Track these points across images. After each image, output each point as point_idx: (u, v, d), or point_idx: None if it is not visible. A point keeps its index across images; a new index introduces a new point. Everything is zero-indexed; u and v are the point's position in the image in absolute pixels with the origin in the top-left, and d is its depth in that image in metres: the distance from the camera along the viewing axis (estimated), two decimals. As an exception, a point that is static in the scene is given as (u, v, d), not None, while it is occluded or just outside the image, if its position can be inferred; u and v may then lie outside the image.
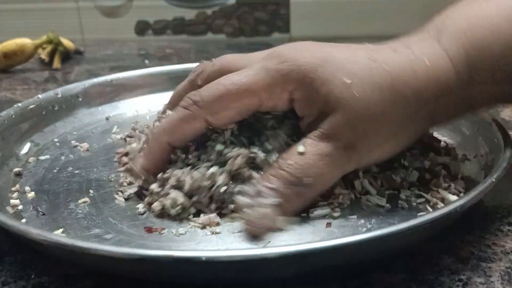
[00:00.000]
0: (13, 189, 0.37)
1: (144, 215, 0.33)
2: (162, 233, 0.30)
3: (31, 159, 0.42)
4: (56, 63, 0.81)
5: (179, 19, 1.09)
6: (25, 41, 0.78)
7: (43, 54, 0.81)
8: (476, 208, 0.33)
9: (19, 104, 0.46)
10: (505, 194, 0.35)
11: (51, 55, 0.82)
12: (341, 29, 1.04)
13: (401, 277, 0.26)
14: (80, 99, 0.51)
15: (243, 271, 0.25)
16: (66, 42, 0.85)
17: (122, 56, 0.92)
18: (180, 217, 0.32)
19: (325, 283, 0.26)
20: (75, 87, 0.52)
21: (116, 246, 0.26)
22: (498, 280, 0.26)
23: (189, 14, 1.09)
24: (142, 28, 1.11)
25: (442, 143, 0.40)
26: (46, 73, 0.78)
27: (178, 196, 0.32)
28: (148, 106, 0.53)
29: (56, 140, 0.46)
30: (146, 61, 0.87)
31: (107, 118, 0.51)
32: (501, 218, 0.32)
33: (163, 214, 0.32)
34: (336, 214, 0.32)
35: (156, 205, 0.32)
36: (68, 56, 0.87)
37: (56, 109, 0.49)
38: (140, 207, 0.33)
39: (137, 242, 0.30)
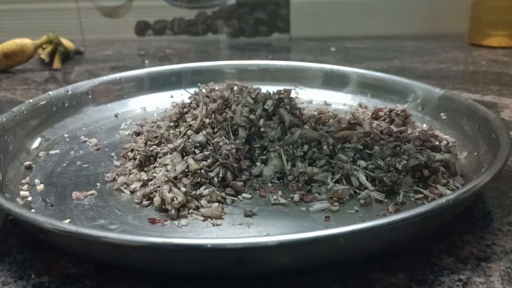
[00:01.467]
0: (23, 181, 0.38)
1: (149, 207, 0.33)
2: (165, 225, 0.31)
3: (41, 154, 0.43)
4: (56, 63, 0.81)
5: (179, 19, 1.10)
6: (25, 41, 0.78)
7: (43, 54, 0.81)
8: (476, 208, 0.33)
9: (30, 100, 0.47)
10: (505, 194, 0.35)
11: (51, 55, 0.82)
12: (341, 29, 1.04)
13: (401, 277, 0.26)
14: (90, 96, 0.53)
15: (243, 261, 0.25)
16: (66, 42, 0.85)
17: (122, 56, 0.92)
18: (180, 213, 0.32)
19: (325, 283, 0.26)
20: (85, 84, 0.53)
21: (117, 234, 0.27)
22: (498, 280, 0.26)
23: (189, 14, 1.09)
24: (142, 28, 1.11)
25: (443, 141, 0.40)
26: (46, 73, 0.78)
27: (177, 193, 0.33)
28: (156, 104, 0.55)
29: (66, 135, 0.47)
30: (146, 61, 0.87)
31: (116, 115, 0.53)
32: (501, 218, 0.32)
33: (163, 208, 0.33)
34: (334, 208, 0.33)
35: (156, 200, 0.33)
36: (68, 56, 0.87)
37: (66, 105, 0.50)
38: (136, 197, 0.34)
39: (140, 232, 0.30)
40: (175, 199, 0.32)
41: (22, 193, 0.36)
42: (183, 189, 0.33)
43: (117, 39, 1.09)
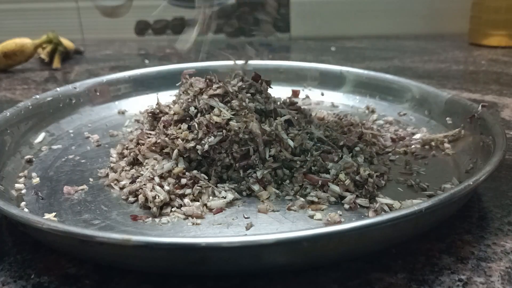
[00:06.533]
0: (20, 174, 0.38)
1: (134, 204, 0.34)
2: (146, 222, 0.31)
3: (43, 148, 0.43)
4: (56, 63, 0.81)
5: (179, 19, 1.09)
6: (25, 41, 0.78)
7: (43, 54, 0.81)
8: (476, 208, 0.33)
9: (37, 96, 0.47)
10: (505, 193, 0.35)
11: (51, 55, 0.82)
12: (341, 29, 1.04)
13: (401, 277, 0.26)
14: (98, 94, 0.53)
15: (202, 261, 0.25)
16: (66, 42, 0.85)
17: (122, 56, 0.92)
18: (163, 211, 0.32)
19: (325, 283, 0.26)
20: (93, 81, 0.54)
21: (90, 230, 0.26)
22: (498, 280, 0.26)
23: (189, 14, 1.09)
24: (142, 28, 1.11)
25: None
26: (46, 73, 0.78)
27: (159, 192, 0.33)
28: (163, 102, 0.54)
29: (71, 131, 0.48)
30: (146, 61, 0.87)
31: (122, 112, 0.53)
32: (501, 218, 0.32)
33: (147, 205, 0.33)
34: (312, 213, 0.32)
35: (141, 197, 0.33)
36: (68, 56, 0.87)
37: (73, 102, 0.51)
38: (123, 193, 0.34)
39: (120, 228, 0.31)
40: (157, 197, 0.32)
41: (17, 185, 0.36)
42: (167, 187, 0.33)
43: (117, 38, 1.09)
